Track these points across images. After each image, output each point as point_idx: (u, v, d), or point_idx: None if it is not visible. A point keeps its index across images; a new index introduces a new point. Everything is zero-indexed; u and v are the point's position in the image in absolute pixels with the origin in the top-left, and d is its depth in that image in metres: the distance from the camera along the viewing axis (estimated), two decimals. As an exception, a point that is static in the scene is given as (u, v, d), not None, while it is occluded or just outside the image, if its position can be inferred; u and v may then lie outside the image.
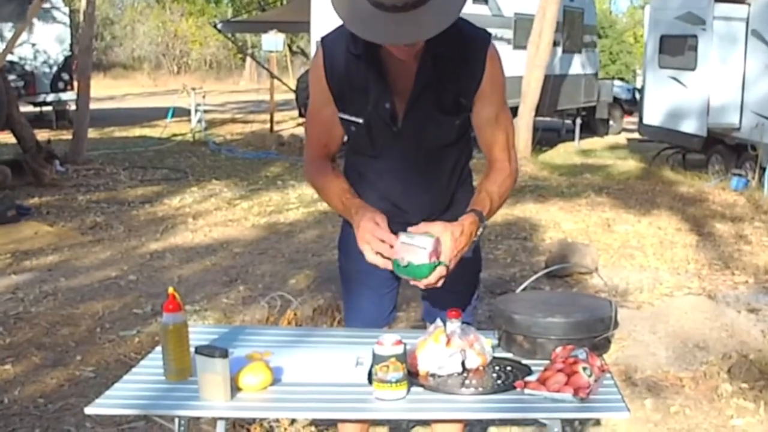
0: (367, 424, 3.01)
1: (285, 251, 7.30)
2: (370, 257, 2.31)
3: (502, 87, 2.49)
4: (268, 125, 17.64)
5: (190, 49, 40.67)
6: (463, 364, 2.20)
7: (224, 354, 2.06)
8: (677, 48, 13.50)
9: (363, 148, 2.56)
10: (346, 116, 2.47)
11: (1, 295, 5.95)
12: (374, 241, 2.29)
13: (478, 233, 2.36)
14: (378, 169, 2.57)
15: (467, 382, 2.16)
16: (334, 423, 3.33)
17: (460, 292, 2.65)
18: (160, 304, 4.82)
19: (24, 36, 15.37)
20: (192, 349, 2.16)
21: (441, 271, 2.26)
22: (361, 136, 2.50)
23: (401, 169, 2.54)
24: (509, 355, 2.35)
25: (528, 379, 2.14)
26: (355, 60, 2.38)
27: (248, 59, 37.35)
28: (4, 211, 8.16)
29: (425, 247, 2.22)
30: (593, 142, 17.92)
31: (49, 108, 18.38)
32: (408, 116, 2.43)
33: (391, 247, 2.27)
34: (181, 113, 17.73)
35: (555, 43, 15.24)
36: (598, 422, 3.88)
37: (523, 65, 14.24)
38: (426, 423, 3.38)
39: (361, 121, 2.45)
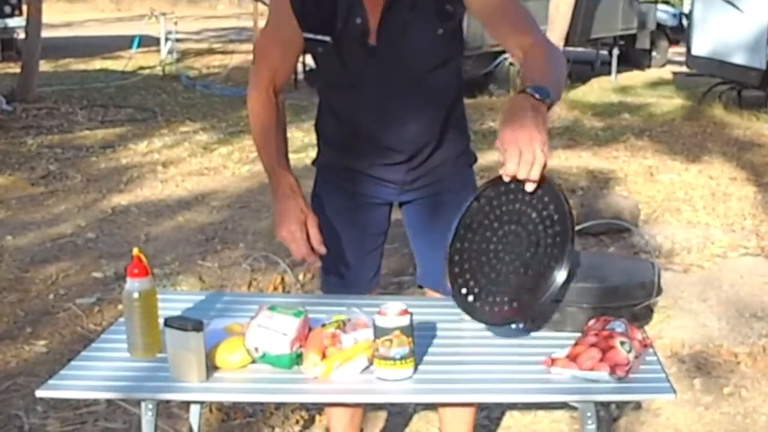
0: (362, 407, 3.01)
1: (270, 205, 7.27)
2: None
3: None
4: (250, 57, 17.54)
5: (158, -34, 40.44)
6: None
7: (199, 326, 2.06)
8: (732, -36, 13.36)
9: (334, 76, 2.55)
10: (311, 35, 2.46)
11: (-62, 257, 5.97)
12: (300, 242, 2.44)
13: (547, 108, 2.01)
14: (354, 100, 2.56)
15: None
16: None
17: None
18: (123, 267, 4.80)
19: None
20: (161, 321, 2.15)
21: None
22: (330, 59, 2.49)
23: (381, 98, 2.52)
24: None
25: (556, 355, 2.12)
26: None
27: (227, -21, 37.15)
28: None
29: (285, 333, 2.10)
30: (633, 77, 17.80)
31: (-7, 36, 18.30)
32: (382, 29, 2.41)
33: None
34: (149, 42, 17.61)
35: (589, -42, 15.10)
36: (638, 406, 3.88)
37: (550, -14, 14.10)
38: (433, 407, 3.38)
39: (328, 39, 2.44)
